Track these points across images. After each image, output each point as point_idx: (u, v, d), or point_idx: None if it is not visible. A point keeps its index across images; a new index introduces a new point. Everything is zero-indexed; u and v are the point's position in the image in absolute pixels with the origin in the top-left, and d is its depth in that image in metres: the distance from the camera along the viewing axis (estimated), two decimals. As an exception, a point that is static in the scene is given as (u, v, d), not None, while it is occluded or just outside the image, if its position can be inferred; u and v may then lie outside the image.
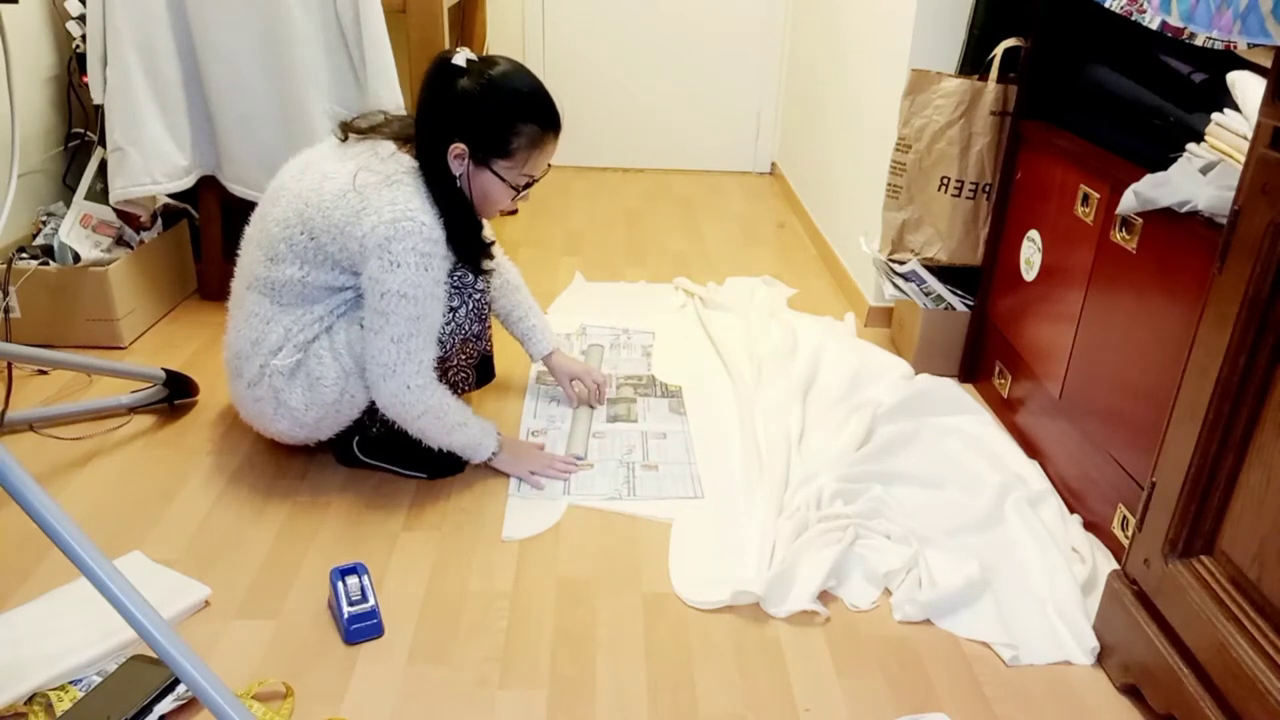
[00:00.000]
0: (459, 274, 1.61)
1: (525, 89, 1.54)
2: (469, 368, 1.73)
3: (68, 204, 2.19)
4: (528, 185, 1.60)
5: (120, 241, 2.21)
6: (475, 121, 1.51)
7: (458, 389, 1.72)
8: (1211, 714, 1.10)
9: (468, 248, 1.59)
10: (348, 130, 1.60)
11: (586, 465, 1.77)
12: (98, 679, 1.22)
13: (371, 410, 1.63)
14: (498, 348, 1.89)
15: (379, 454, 1.72)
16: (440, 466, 1.72)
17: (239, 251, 1.65)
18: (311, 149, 1.63)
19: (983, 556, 1.53)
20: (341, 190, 1.50)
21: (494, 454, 1.68)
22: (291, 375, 1.56)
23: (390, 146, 1.57)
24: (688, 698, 1.27)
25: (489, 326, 1.75)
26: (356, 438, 1.70)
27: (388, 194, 1.48)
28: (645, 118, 3.82)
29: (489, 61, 1.53)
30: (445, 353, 1.62)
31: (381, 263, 1.47)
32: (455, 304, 1.60)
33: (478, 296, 1.63)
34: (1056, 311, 1.75)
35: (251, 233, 1.63)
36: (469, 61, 1.51)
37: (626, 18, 3.65)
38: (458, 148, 1.52)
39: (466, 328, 1.64)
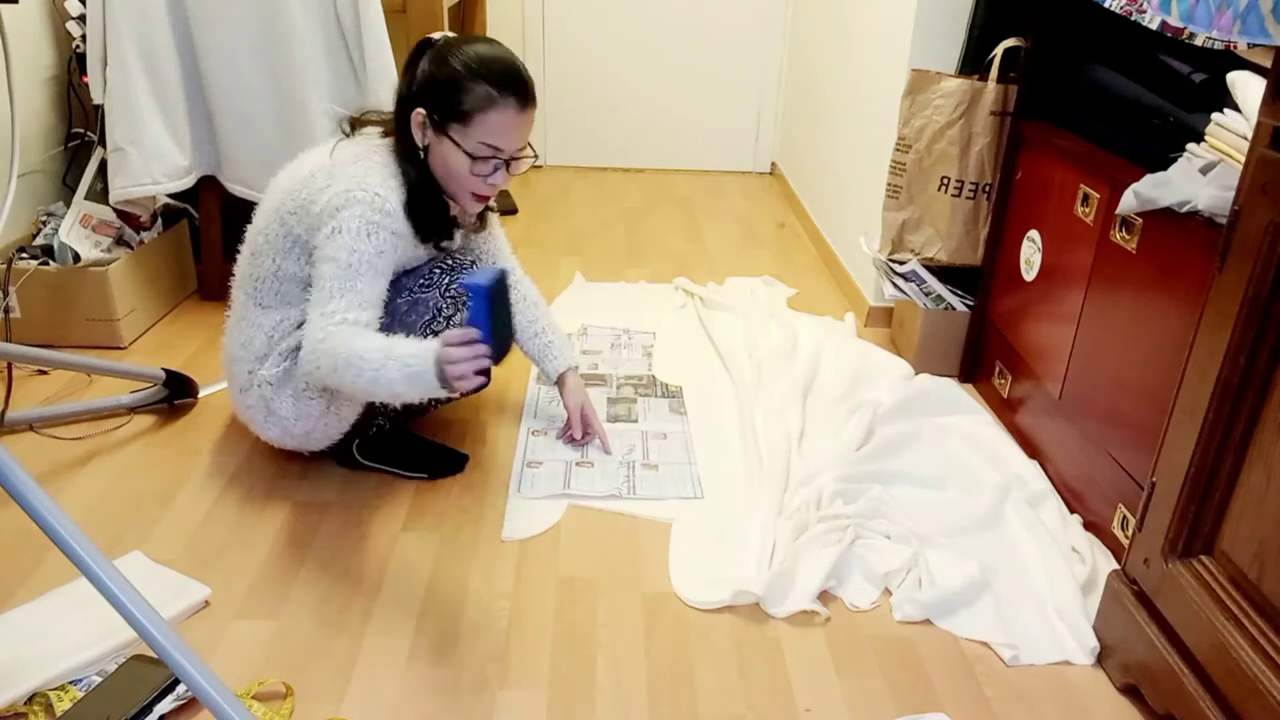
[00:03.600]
0: (455, 287, 1.59)
1: (485, 53, 1.47)
2: None
3: (68, 204, 2.19)
4: (494, 159, 1.50)
5: (120, 241, 2.21)
6: (432, 84, 1.47)
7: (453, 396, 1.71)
8: (1211, 714, 1.10)
9: (425, 222, 1.54)
10: (355, 125, 1.60)
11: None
12: (98, 679, 1.22)
13: (361, 424, 1.63)
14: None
15: (380, 456, 1.71)
16: (441, 467, 1.72)
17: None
18: (311, 149, 1.63)
19: (983, 556, 1.53)
20: (312, 172, 1.51)
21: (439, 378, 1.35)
22: (280, 385, 1.56)
23: (375, 131, 1.58)
24: (688, 698, 1.27)
25: None
26: (357, 440, 1.70)
27: (352, 169, 1.48)
28: (645, 118, 3.82)
29: (464, 38, 1.52)
30: None
31: (326, 229, 1.44)
32: (450, 312, 1.59)
33: None
34: (1056, 311, 1.75)
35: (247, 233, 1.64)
36: (443, 36, 1.51)
37: (627, 18, 3.65)
38: (418, 114, 1.49)
39: None
